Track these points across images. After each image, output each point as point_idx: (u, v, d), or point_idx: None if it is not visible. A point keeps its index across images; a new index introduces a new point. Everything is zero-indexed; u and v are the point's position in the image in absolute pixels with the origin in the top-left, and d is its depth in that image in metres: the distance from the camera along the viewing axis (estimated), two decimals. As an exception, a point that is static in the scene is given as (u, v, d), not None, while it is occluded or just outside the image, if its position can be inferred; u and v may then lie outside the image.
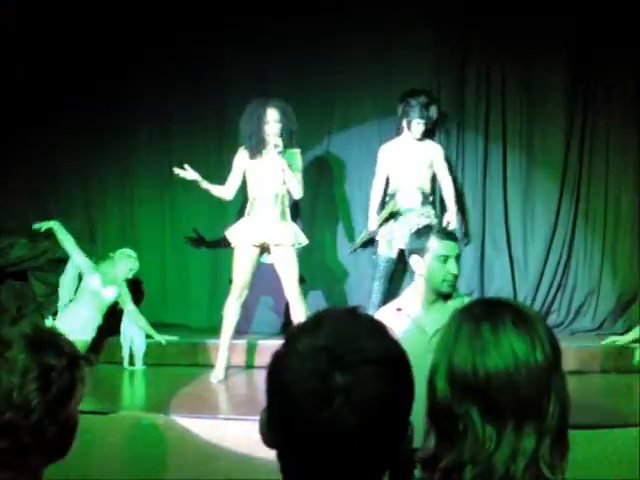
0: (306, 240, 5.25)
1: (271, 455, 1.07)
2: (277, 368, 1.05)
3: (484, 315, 1.22)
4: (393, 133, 5.84)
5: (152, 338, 5.60)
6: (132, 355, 5.51)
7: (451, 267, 2.85)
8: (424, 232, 2.99)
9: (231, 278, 5.22)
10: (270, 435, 1.06)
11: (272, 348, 1.08)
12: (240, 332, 5.51)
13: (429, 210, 5.60)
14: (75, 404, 1.41)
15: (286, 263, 5.09)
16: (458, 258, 2.91)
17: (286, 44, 6.12)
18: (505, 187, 6.23)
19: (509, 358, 1.17)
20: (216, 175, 6.10)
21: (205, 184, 5.21)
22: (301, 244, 5.21)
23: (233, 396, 4.97)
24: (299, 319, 4.98)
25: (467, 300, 2.64)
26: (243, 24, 6.18)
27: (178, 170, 5.18)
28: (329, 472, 1.01)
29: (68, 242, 5.51)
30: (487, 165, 6.23)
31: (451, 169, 5.91)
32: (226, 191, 5.24)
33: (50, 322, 5.36)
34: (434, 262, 2.85)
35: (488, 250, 6.21)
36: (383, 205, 5.67)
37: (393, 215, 5.56)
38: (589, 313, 6.11)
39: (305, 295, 5.38)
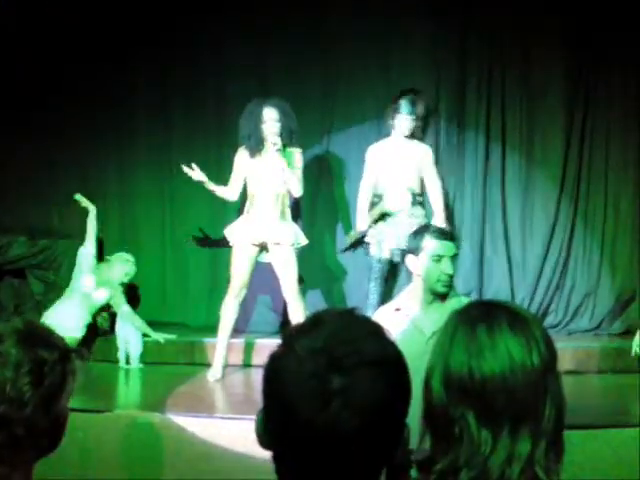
0: (305, 240, 5.25)
1: (268, 455, 1.07)
2: (274, 370, 1.04)
3: (480, 318, 1.21)
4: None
5: (149, 337, 5.60)
6: (128, 356, 5.50)
7: (445, 267, 2.83)
8: (421, 231, 2.98)
9: (229, 277, 5.22)
10: (266, 436, 1.06)
11: (270, 347, 1.07)
12: (238, 331, 5.50)
13: (419, 210, 5.59)
14: (66, 398, 1.41)
15: (285, 263, 5.08)
16: (455, 258, 2.88)
17: (286, 44, 6.13)
18: (504, 187, 6.23)
19: (505, 361, 1.16)
20: (215, 171, 6.11)
21: (211, 185, 5.19)
22: (300, 244, 5.21)
23: (230, 395, 4.97)
24: (297, 319, 4.97)
25: (465, 300, 2.63)
26: (243, 22, 6.19)
27: (186, 169, 5.16)
28: (325, 474, 1.00)
29: (92, 230, 5.54)
30: (487, 165, 6.23)
31: (441, 173, 5.93)
32: (230, 192, 5.23)
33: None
34: (429, 262, 2.84)
35: (487, 250, 6.21)
36: (372, 206, 5.67)
37: (383, 216, 5.56)
38: (587, 313, 6.12)
39: (304, 295, 5.38)
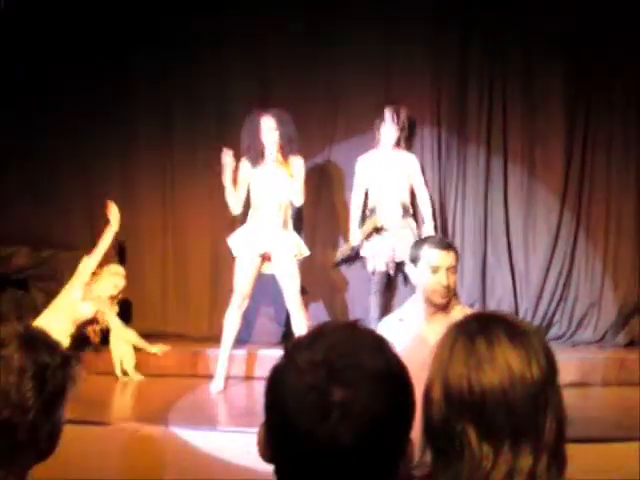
0: (307, 251, 5.25)
1: (270, 468, 1.06)
2: (275, 382, 1.04)
3: (479, 330, 1.21)
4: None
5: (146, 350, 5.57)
6: (125, 371, 5.46)
7: (442, 278, 2.80)
8: (421, 241, 2.98)
9: (232, 287, 5.21)
10: (267, 449, 1.05)
11: (272, 358, 1.07)
12: (240, 342, 5.50)
13: (410, 222, 5.62)
14: (66, 403, 1.41)
15: (287, 273, 5.08)
16: (452, 269, 2.84)
17: (287, 54, 6.15)
18: (506, 199, 6.23)
19: (505, 373, 1.15)
20: (217, 181, 6.13)
21: (229, 180, 5.07)
22: (302, 255, 5.21)
23: (232, 407, 4.96)
24: (300, 330, 4.97)
25: (469, 312, 2.62)
26: (243, 26, 6.21)
27: (226, 151, 5.06)
28: (327, 488, 0.99)
29: (104, 244, 5.50)
30: (488, 177, 6.23)
31: (440, 185, 5.94)
32: (235, 201, 5.17)
33: None
34: (425, 272, 2.82)
35: (489, 262, 6.20)
36: (363, 218, 5.68)
37: (376, 230, 5.57)
38: (591, 325, 6.09)
39: (306, 306, 5.38)
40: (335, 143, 6.34)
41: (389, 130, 5.64)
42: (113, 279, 5.59)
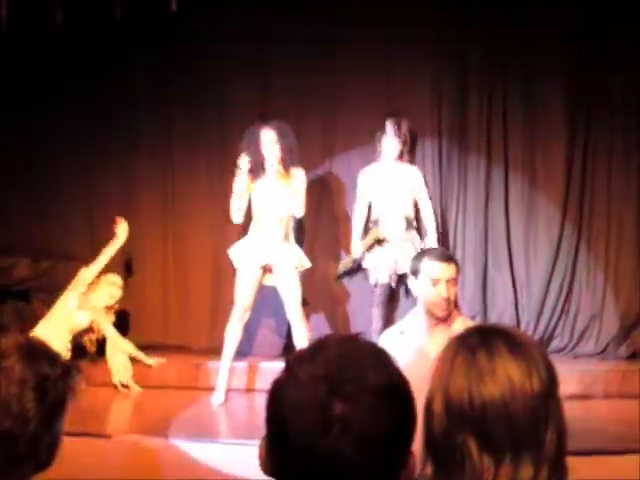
0: (309, 263, 5.25)
1: (270, 481, 1.06)
2: (276, 396, 1.04)
3: (479, 343, 1.21)
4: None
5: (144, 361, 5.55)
6: (122, 382, 5.44)
7: (442, 290, 2.80)
8: (421, 254, 2.98)
9: (233, 300, 5.21)
10: (269, 463, 1.05)
11: (273, 371, 1.07)
12: (241, 354, 5.49)
13: (413, 235, 5.61)
14: (65, 414, 1.41)
15: (289, 285, 5.08)
16: (452, 282, 2.84)
17: (288, 65, 6.16)
18: (507, 210, 6.23)
19: (505, 386, 1.16)
20: (217, 183, 6.13)
21: (240, 184, 5.07)
22: (304, 267, 5.21)
23: (233, 420, 4.95)
24: (301, 342, 4.97)
25: (471, 324, 2.62)
26: (244, 44, 6.22)
27: (244, 156, 5.07)
28: (328, 501, 0.99)
29: (106, 256, 5.52)
30: (489, 188, 6.23)
31: (441, 196, 5.95)
32: (236, 210, 5.15)
33: None
34: (426, 284, 2.82)
35: (490, 274, 6.20)
36: (366, 231, 5.69)
37: (378, 242, 5.57)
38: (592, 337, 6.08)
39: (307, 318, 5.37)
40: (335, 155, 6.35)
41: (391, 142, 5.64)
42: (109, 289, 5.57)
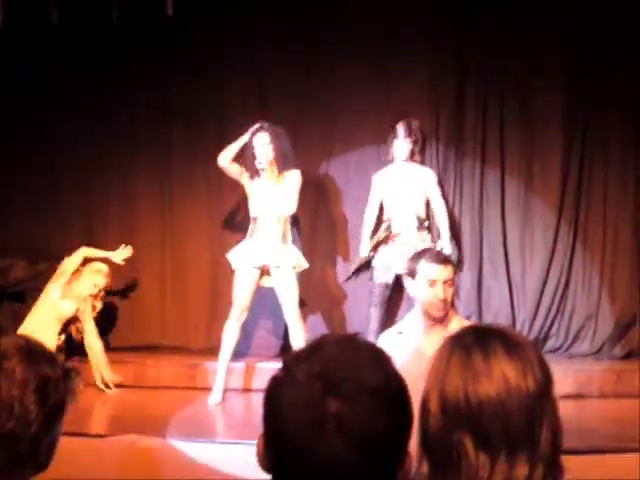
0: (306, 264, 5.25)
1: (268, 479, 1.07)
2: (273, 394, 1.05)
3: (475, 342, 1.22)
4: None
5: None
6: (104, 381, 5.36)
7: (439, 291, 2.83)
8: (418, 255, 3.00)
9: (231, 300, 5.21)
10: (266, 460, 1.06)
11: (270, 371, 1.08)
12: (239, 354, 5.49)
13: (425, 235, 5.62)
14: (65, 416, 1.42)
15: (286, 286, 5.09)
16: (449, 283, 2.87)
17: (287, 69, 6.17)
18: (503, 211, 6.24)
19: (500, 385, 1.17)
20: (216, 193, 6.14)
21: (241, 142, 5.16)
22: (301, 267, 5.21)
23: (230, 419, 4.95)
24: (298, 343, 4.98)
25: (467, 324, 2.64)
26: (243, 50, 6.23)
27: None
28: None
29: (91, 253, 5.51)
30: (485, 190, 6.24)
31: (444, 195, 5.95)
32: (228, 152, 5.18)
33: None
34: (423, 285, 2.85)
35: (486, 274, 6.21)
36: (376, 232, 5.69)
37: (385, 239, 5.58)
38: (587, 337, 6.10)
39: (305, 318, 5.37)
40: (333, 157, 6.36)
41: (402, 144, 5.67)
42: (93, 278, 5.47)
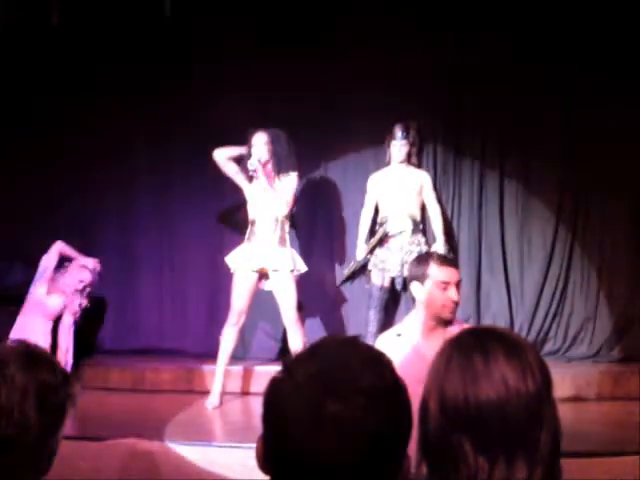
0: (305, 267, 5.24)
1: (266, 482, 1.08)
2: (272, 395, 1.06)
3: (474, 344, 1.22)
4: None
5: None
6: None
7: (451, 293, 2.87)
8: (425, 258, 3.00)
9: (229, 304, 5.21)
10: (265, 461, 1.07)
11: (269, 374, 1.09)
12: (237, 358, 5.49)
13: (420, 238, 5.63)
14: (65, 422, 1.42)
15: (284, 289, 5.09)
16: (458, 284, 2.93)
17: (287, 72, 6.16)
18: (502, 213, 6.25)
19: (500, 387, 1.17)
20: (214, 199, 6.13)
21: (238, 151, 5.19)
22: (300, 271, 5.21)
23: (229, 423, 4.94)
24: (296, 346, 4.98)
25: (467, 326, 2.65)
26: (242, 52, 6.23)
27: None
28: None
29: (66, 252, 5.45)
30: (483, 193, 6.25)
31: (440, 198, 5.95)
32: (226, 151, 5.20)
33: None
34: (434, 289, 2.88)
35: (484, 276, 6.22)
36: (372, 234, 5.70)
37: (382, 240, 5.58)
38: (586, 340, 6.11)
39: (303, 322, 5.36)
40: (331, 160, 6.36)
41: (399, 146, 5.68)
42: (79, 273, 5.42)
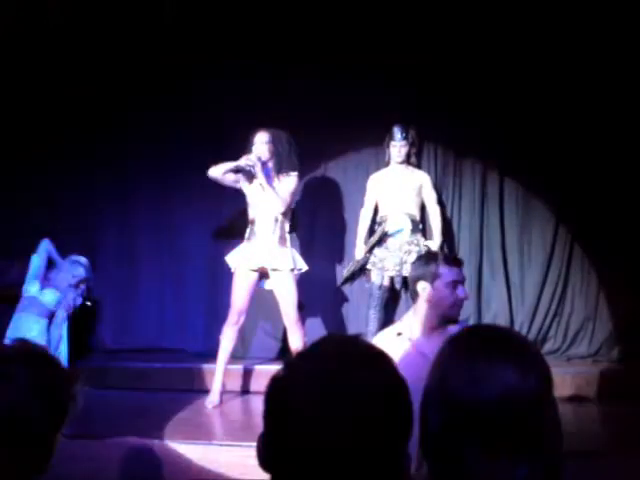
0: (305, 266, 5.22)
1: (266, 480, 1.08)
2: (274, 394, 1.06)
3: (476, 343, 1.22)
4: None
5: None
6: None
7: (461, 292, 2.94)
8: (433, 258, 3.01)
9: (229, 303, 5.20)
10: (266, 459, 1.07)
11: (268, 373, 1.09)
12: (237, 357, 5.48)
13: (419, 238, 5.62)
14: (68, 419, 1.42)
15: (284, 288, 5.08)
16: (463, 283, 2.98)
17: (286, 72, 6.16)
18: (502, 213, 6.26)
19: (501, 387, 1.16)
20: (214, 198, 6.13)
21: (236, 164, 5.05)
22: (300, 270, 5.20)
23: (228, 421, 4.94)
24: (296, 345, 4.98)
25: (466, 325, 2.66)
26: (242, 52, 6.22)
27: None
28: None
29: (55, 257, 5.43)
30: (484, 192, 6.26)
31: (439, 198, 5.95)
32: (221, 167, 5.08)
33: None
34: (445, 288, 2.92)
35: (485, 276, 6.22)
36: (371, 234, 5.70)
37: (381, 240, 5.58)
38: (585, 339, 6.12)
39: (303, 321, 5.36)
40: (331, 160, 6.36)
41: (398, 147, 5.69)
42: (72, 268, 5.40)
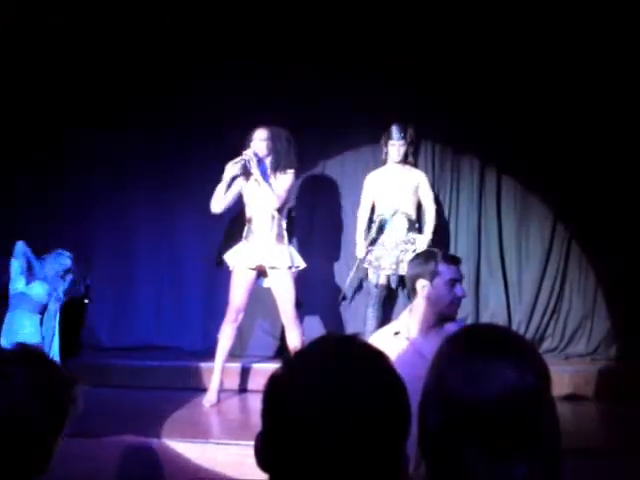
0: (303, 263, 5.22)
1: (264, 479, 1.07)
2: (272, 392, 1.06)
3: (473, 343, 1.22)
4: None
5: None
6: None
7: (459, 290, 2.95)
8: (432, 256, 3.01)
9: (227, 301, 5.20)
10: (264, 458, 1.07)
11: (266, 372, 1.09)
12: (235, 355, 5.48)
13: (415, 237, 5.63)
14: (68, 421, 1.42)
15: (282, 286, 5.08)
16: (462, 281, 3.00)
17: (285, 73, 6.14)
18: (500, 211, 6.26)
19: (499, 386, 1.16)
20: (212, 197, 6.11)
21: (227, 177, 5.03)
22: (298, 267, 5.20)
23: (226, 420, 4.94)
24: (294, 343, 4.99)
25: (464, 324, 2.66)
26: (242, 53, 6.21)
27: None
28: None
29: (23, 247, 5.40)
30: (482, 190, 6.26)
31: (436, 197, 5.95)
32: (219, 199, 5.08)
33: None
34: (444, 286, 2.93)
35: (483, 274, 6.22)
36: (369, 230, 5.70)
37: (380, 230, 5.59)
38: (583, 338, 6.12)
39: (301, 319, 5.36)
40: (330, 158, 6.36)
41: (397, 146, 5.69)
42: (57, 258, 5.41)
